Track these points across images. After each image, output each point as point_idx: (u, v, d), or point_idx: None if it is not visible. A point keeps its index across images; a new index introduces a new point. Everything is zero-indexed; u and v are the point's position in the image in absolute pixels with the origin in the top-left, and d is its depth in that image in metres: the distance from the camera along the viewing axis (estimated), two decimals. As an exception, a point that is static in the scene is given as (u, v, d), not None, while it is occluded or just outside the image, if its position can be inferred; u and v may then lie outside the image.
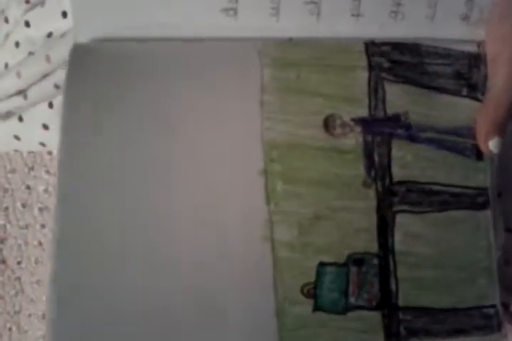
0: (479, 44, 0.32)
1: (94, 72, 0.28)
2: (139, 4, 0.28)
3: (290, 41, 0.30)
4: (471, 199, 0.32)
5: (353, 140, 0.28)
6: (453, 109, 0.32)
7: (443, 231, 0.30)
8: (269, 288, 0.25)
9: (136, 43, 0.28)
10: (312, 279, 0.26)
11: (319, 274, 0.26)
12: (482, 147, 0.30)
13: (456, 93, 0.32)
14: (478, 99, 0.33)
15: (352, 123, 0.28)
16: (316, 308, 0.26)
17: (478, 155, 0.32)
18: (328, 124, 0.28)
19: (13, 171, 0.40)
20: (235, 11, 0.29)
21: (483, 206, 0.32)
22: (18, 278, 0.42)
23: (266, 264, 0.25)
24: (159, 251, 0.25)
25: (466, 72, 0.32)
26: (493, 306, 0.31)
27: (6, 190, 0.41)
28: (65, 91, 0.27)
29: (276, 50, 0.29)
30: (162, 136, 0.26)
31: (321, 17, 0.30)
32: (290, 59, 0.29)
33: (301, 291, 0.26)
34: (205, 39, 0.29)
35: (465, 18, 0.32)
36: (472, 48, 0.32)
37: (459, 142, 0.32)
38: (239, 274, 0.25)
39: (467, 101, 0.33)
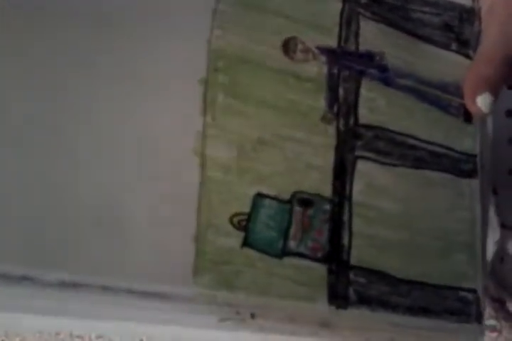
0: (474, -2, 0.30)
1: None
2: None
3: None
4: (455, 164, 0.28)
5: (315, 68, 0.25)
6: (439, 62, 0.29)
7: (415, 190, 0.27)
8: (192, 208, 0.22)
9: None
10: (246, 210, 0.23)
11: (255, 206, 0.23)
12: (470, 105, 0.27)
13: (444, 46, 0.30)
14: (469, 57, 0.30)
15: (316, 51, 0.26)
16: (246, 244, 0.22)
17: (467, 116, 0.29)
18: (288, 47, 0.25)
19: None
20: None
21: (468, 174, 0.28)
22: None
23: (192, 181, 0.22)
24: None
25: (457, 26, 0.30)
26: (473, 291, 0.27)
27: None
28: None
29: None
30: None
31: None
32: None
33: (230, 221, 0.22)
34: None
35: (460, -31, 0.30)
36: (467, 2, 0.31)
37: (443, 97, 0.29)
38: (161, 191, 0.22)
39: (457, 57, 0.30)
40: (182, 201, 0.22)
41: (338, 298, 0.24)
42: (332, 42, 0.26)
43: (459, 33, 0.30)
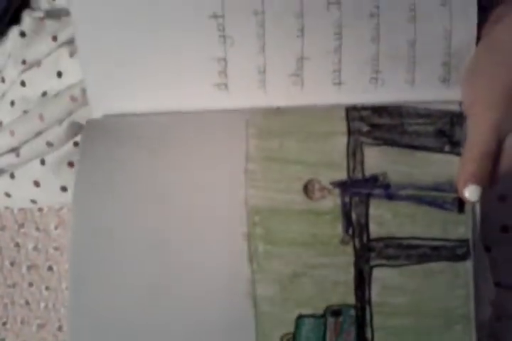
0: (461, 103, 0.35)
1: (104, 145, 0.32)
2: (144, 84, 0.34)
3: (277, 109, 0.34)
4: (451, 251, 0.35)
5: (331, 202, 0.32)
6: (435, 165, 0.35)
7: (420, 282, 0.34)
8: (250, 336, 0.29)
9: (139, 117, 0.33)
10: (291, 330, 0.30)
11: (298, 325, 0.30)
12: (461, 196, 0.33)
13: (438, 150, 0.35)
14: (460, 155, 0.35)
15: (330, 187, 0.32)
16: (294, 356, 0.30)
17: (460, 207, 0.35)
18: (307, 189, 0.32)
19: (2, 228, 0.42)
20: (226, 85, 0.33)
21: (462, 257, 0.35)
22: (2, 340, 0.44)
23: (248, 319, 0.29)
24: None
25: (448, 130, 0.35)
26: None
27: (-6, 248, 0.44)
28: (78, 163, 0.32)
29: (262, 121, 0.33)
30: (159, 201, 0.31)
31: (304, 87, 0.34)
32: (274, 129, 0.33)
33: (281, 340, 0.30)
34: (199, 111, 0.33)
35: (444, 80, 0.35)
36: (454, 107, 0.35)
37: (439, 197, 0.35)
38: (223, 328, 0.29)
39: (450, 157, 0.36)
40: (242, 334, 0.30)
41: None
42: (342, 175, 0.32)
43: (451, 136, 0.35)
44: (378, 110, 0.34)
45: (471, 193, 0.33)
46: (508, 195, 0.40)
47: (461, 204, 0.35)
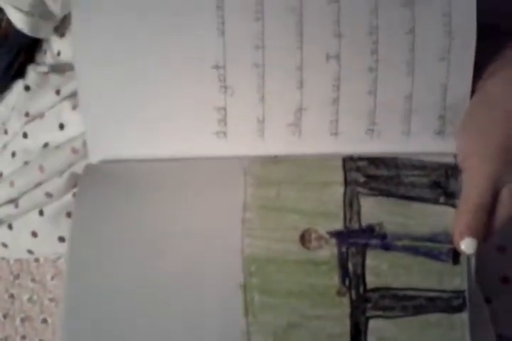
0: (455, 155, 0.35)
1: (102, 189, 0.32)
2: (144, 131, 0.34)
3: (275, 158, 0.34)
4: (446, 303, 0.34)
5: (328, 251, 0.32)
6: (430, 216, 0.35)
7: (416, 334, 0.33)
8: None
9: (138, 163, 0.33)
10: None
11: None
12: (457, 247, 0.33)
13: (433, 201, 0.36)
14: (455, 206, 0.36)
15: (327, 236, 0.32)
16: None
17: (455, 258, 0.35)
18: (304, 238, 0.32)
19: None
20: (225, 133, 0.34)
21: (458, 309, 0.35)
22: None
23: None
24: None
25: (443, 182, 0.36)
26: None
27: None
28: (75, 207, 0.32)
29: (260, 169, 0.34)
30: (154, 249, 0.31)
31: (302, 136, 0.34)
32: (272, 177, 0.33)
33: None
34: (198, 158, 0.34)
35: (439, 132, 0.35)
36: (449, 159, 0.36)
37: (434, 247, 0.35)
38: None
39: (445, 209, 0.36)
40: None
41: None
42: (338, 225, 0.33)
43: (446, 188, 0.36)
44: (375, 161, 0.35)
45: (466, 246, 0.33)
46: (507, 245, 0.40)
47: (456, 255, 0.35)
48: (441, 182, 0.36)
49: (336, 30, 0.34)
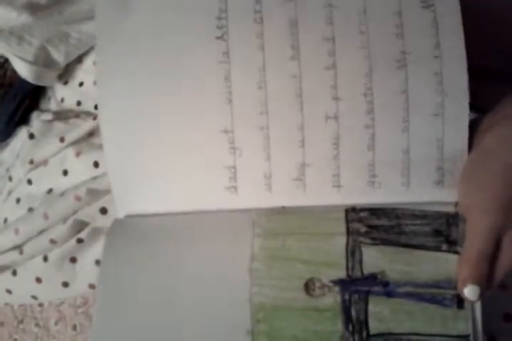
0: (456, 203, 0.37)
1: (126, 241, 0.36)
2: (164, 188, 0.38)
3: (281, 210, 0.37)
4: (451, 349, 0.36)
5: (332, 299, 0.34)
6: (432, 264, 0.37)
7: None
8: None
9: (156, 217, 0.37)
10: None
11: None
12: (461, 294, 0.35)
13: (435, 249, 0.38)
14: (458, 253, 0.37)
15: (331, 284, 0.34)
16: None
17: (459, 303, 0.37)
18: (308, 287, 0.34)
19: (1, 324, 0.43)
20: (235, 188, 0.37)
21: (464, 355, 0.36)
22: None
23: None
24: None
25: (445, 230, 0.37)
26: None
27: (-9, 346, 0.44)
28: (103, 257, 0.36)
29: (267, 221, 0.37)
30: (165, 300, 0.34)
31: (306, 190, 0.37)
32: (278, 229, 0.36)
33: None
34: (211, 211, 0.37)
35: (439, 183, 0.37)
36: (449, 208, 0.38)
37: (438, 293, 0.36)
38: None
39: (447, 256, 0.38)
40: None
41: None
42: (341, 274, 0.35)
43: (448, 236, 0.37)
44: (376, 212, 0.37)
45: (470, 292, 0.35)
46: (508, 283, 0.41)
47: (460, 300, 0.37)
48: (442, 230, 0.38)
49: (333, 94, 0.37)
